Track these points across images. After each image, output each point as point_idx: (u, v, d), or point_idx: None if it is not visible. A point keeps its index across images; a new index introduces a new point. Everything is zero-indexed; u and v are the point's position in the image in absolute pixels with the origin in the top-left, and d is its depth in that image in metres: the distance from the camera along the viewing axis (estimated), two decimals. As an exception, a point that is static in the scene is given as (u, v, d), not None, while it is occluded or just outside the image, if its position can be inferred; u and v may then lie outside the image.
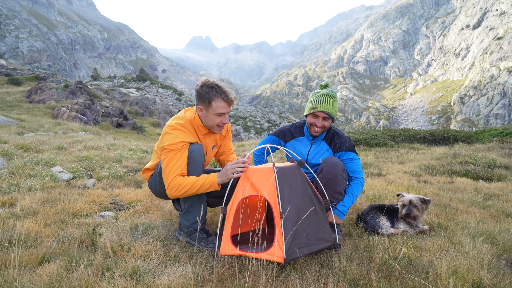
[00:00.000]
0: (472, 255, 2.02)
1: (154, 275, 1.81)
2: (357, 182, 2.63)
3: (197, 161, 2.27)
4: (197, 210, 2.33)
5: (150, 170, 2.57)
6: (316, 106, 2.53)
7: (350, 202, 2.57)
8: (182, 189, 2.16)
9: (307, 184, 2.14)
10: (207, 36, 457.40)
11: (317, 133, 2.62)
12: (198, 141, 2.40)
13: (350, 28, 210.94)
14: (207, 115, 2.31)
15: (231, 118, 52.67)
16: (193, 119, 2.37)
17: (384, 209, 2.73)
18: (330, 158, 2.55)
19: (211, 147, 2.55)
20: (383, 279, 1.78)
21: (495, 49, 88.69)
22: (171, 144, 2.21)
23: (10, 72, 30.63)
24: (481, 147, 8.52)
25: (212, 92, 2.25)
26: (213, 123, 2.34)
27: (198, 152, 2.28)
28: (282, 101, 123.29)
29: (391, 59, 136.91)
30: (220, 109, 2.28)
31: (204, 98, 2.26)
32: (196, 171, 2.27)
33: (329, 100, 2.53)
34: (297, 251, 1.90)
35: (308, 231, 2.02)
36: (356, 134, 11.93)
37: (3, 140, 6.24)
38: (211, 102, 2.25)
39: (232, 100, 2.31)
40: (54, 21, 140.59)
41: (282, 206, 1.94)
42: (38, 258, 1.98)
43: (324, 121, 2.57)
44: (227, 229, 2.07)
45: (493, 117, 75.36)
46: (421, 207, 2.62)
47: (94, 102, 19.53)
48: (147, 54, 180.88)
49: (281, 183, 2.02)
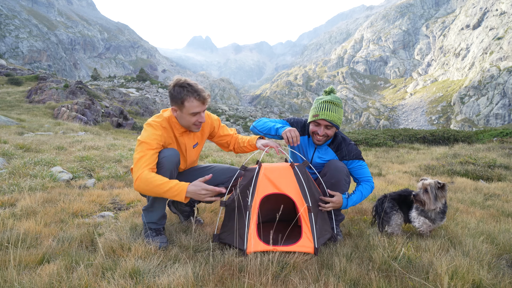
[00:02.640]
0: (472, 255, 2.02)
1: (154, 275, 1.81)
2: (368, 184, 2.56)
3: (165, 167, 2.22)
4: (158, 211, 2.36)
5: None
6: (318, 113, 2.42)
7: (357, 198, 2.50)
8: (150, 184, 2.09)
9: (311, 181, 2.34)
10: (207, 36, 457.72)
11: (319, 142, 2.51)
12: (174, 141, 2.38)
13: (350, 28, 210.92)
14: (182, 115, 2.27)
15: (231, 118, 52.65)
16: (170, 117, 2.34)
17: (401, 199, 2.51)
18: (335, 162, 2.49)
19: (191, 145, 2.49)
20: (383, 279, 1.78)
21: (495, 49, 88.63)
22: (146, 141, 2.20)
23: (10, 72, 30.65)
24: (481, 147, 8.52)
25: (183, 91, 2.19)
26: (188, 122, 2.30)
27: (168, 159, 2.24)
28: (282, 101, 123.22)
29: (391, 59, 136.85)
30: (194, 109, 2.22)
31: (176, 98, 2.21)
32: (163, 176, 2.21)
33: (332, 107, 2.41)
34: (318, 241, 2.11)
35: (319, 223, 2.23)
36: (356, 134, 11.93)
37: (3, 140, 6.24)
38: (184, 102, 2.20)
39: (205, 98, 2.25)
40: (54, 21, 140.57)
41: (309, 201, 2.18)
42: (38, 258, 1.97)
43: (327, 129, 2.45)
44: (252, 226, 2.10)
45: (493, 117, 75.32)
46: (435, 193, 2.27)
47: (94, 102, 19.52)
48: (147, 54, 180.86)
49: (299, 180, 2.24)
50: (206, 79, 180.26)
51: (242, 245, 2.05)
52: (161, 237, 2.30)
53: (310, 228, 2.11)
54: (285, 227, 2.47)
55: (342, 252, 2.13)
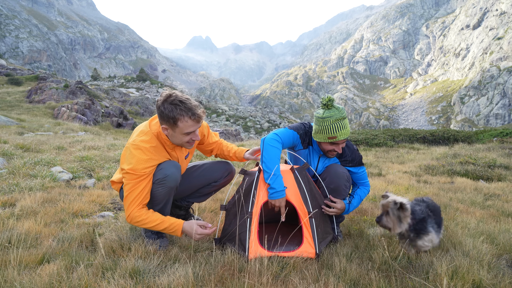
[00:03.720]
0: (472, 255, 2.02)
1: (154, 275, 1.81)
2: (366, 188, 2.58)
3: (169, 187, 2.11)
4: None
5: (118, 183, 2.31)
6: (335, 135, 2.26)
7: (357, 203, 2.52)
8: (143, 225, 2.06)
9: (312, 184, 2.34)
10: (207, 36, 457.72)
11: (333, 156, 2.46)
12: (167, 157, 2.19)
13: (350, 28, 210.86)
14: (174, 135, 2.06)
15: (231, 118, 52.63)
16: (159, 133, 2.12)
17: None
18: (335, 167, 2.45)
19: (183, 157, 2.35)
20: (383, 279, 1.78)
21: (495, 49, 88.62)
22: (133, 170, 1.99)
23: (10, 72, 30.65)
24: (481, 147, 8.52)
25: (176, 110, 1.94)
26: (181, 141, 2.10)
27: (172, 178, 2.10)
28: (282, 101, 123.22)
29: (391, 59, 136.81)
30: (188, 128, 2.01)
31: (168, 117, 1.96)
32: (164, 199, 2.15)
33: (344, 124, 2.27)
34: (320, 245, 2.13)
35: (321, 226, 2.25)
36: (356, 134, 11.93)
37: (3, 140, 6.24)
38: (177, 122, 1.97)
39: (200, 116, 2.02)
40: (54, 21, 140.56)
41: (309, 205, 2.19)
42: (38, 258, 1.97)
43: (343, 144, 2.39)
44: (254, 232, 2.11)
45: (493, 117, 75.31)
46: (397, 215, 2.01)
47: (94, 102, 19.52)
48: (147, 54, 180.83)
49: (299, 184, 2.23)
50: (206, 79, 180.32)
51: (243, 250, 2.06)
52: (162, 240, 2.29)
53: (311, 233, 2.12)
54: (286, 227, 2.48)
55: (342, 252, 2.13)
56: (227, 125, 46.16)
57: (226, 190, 3.78)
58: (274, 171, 2.19)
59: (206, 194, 2.58)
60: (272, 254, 2.04)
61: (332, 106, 2.30)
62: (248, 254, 2.03)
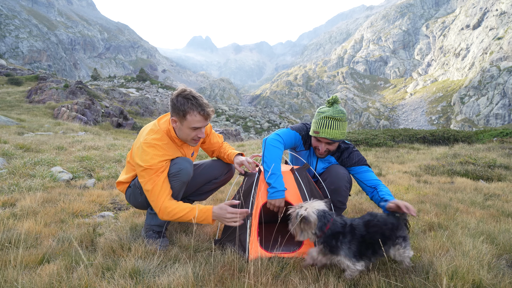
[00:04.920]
0: (472, 255, 2.01)
1: (154, 275, 1.81)
2: (383, 185, 2.35)
3: (182, 181, 2.17)
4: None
5: (125, 183, 2.39)
6: (318, 130, 2.28)
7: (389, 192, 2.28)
8: (174, 216, 2.08)
9: (312, 184, 2.34)
10: (207, 36, 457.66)
11: (321, 156, 2.42)
12: (178, 153, 2.27)
13: (350, 28, 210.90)
14: (181, 128, 2.14)
15: (231, 118, 52.64)
16: (168, 131, 2.21)
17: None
18: (336, 168, 2.43)
19: (190, 154, 2.43)
20: (383, 279, 1.78)
21: (495, 49, 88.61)
22: (150, 165, 2.06)
23: (10, 72, 30.66)
24: (481, 147, 8.52)
25: (187, 104, 2.05)
26: (187, 136, 2.18)
27: (186, 172, 2.17)
28: (282, 101, 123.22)
29: (391, 59, 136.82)
30: (196, 123, 2.10)
31: (178, 110, 2.07)
32: (176, 194, 2.18)
33: (334, 123, 2.23)
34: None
35: None
36: (356, 134, 11.93)
37: (3, 140, 6.24)
38: (186, 115, 2.07)
39: (209, 114, 2.11)
40: (54, 21, 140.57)
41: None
42: (38, 258, 1.98)
43: (328, 145, 2.34)
44: (254, 233, 2.12)
45: (493, 117, 75.31)
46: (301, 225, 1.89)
47: (94, 102, 19.52)
48: (147, 54, 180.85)
49: (299, 185, 2.23)
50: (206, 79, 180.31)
51: (244, 251, 2.07)
52: (163, 239, 2.30)
53: None
54: (286, 228, 2.47)
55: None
56: (227, 125, 46.16)
57: (226, 190, 3.78)
58: (275, 171, 2.19)
59: (207, 192, 2.62)
60: (272, 255, 2.05)
61: (332, 105, 2.31)
62: (248, 255, 2.03)
